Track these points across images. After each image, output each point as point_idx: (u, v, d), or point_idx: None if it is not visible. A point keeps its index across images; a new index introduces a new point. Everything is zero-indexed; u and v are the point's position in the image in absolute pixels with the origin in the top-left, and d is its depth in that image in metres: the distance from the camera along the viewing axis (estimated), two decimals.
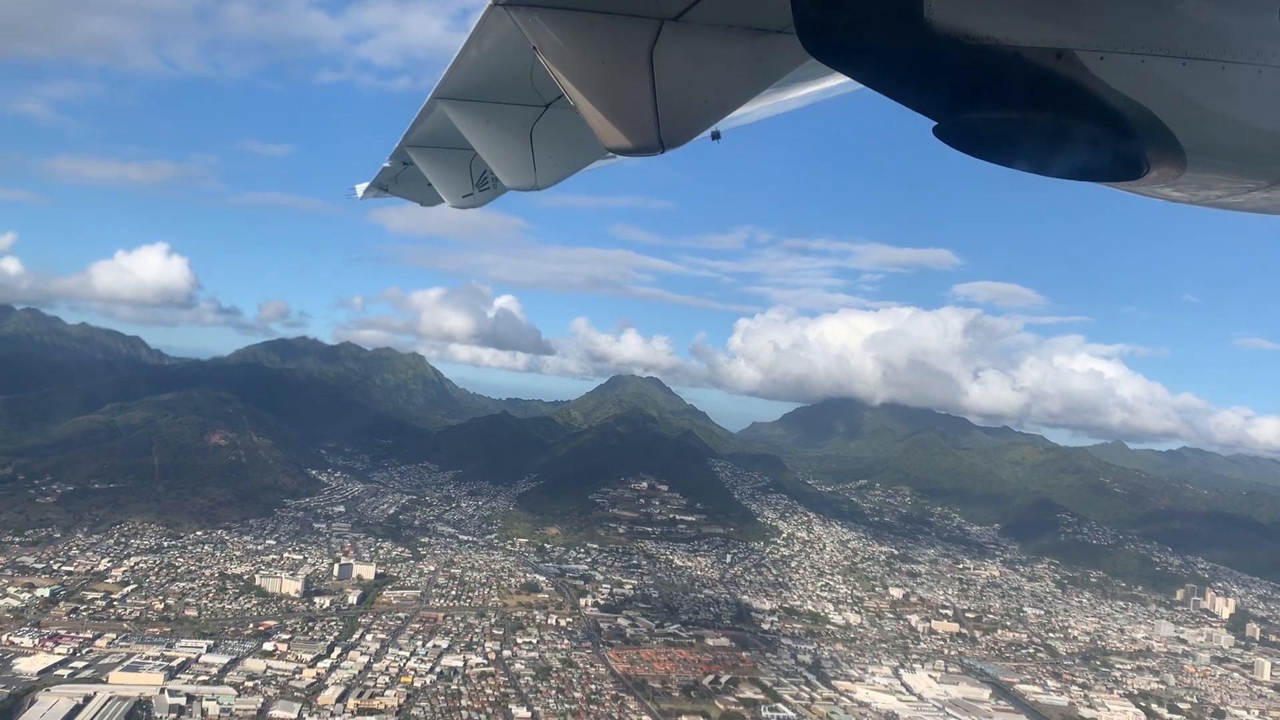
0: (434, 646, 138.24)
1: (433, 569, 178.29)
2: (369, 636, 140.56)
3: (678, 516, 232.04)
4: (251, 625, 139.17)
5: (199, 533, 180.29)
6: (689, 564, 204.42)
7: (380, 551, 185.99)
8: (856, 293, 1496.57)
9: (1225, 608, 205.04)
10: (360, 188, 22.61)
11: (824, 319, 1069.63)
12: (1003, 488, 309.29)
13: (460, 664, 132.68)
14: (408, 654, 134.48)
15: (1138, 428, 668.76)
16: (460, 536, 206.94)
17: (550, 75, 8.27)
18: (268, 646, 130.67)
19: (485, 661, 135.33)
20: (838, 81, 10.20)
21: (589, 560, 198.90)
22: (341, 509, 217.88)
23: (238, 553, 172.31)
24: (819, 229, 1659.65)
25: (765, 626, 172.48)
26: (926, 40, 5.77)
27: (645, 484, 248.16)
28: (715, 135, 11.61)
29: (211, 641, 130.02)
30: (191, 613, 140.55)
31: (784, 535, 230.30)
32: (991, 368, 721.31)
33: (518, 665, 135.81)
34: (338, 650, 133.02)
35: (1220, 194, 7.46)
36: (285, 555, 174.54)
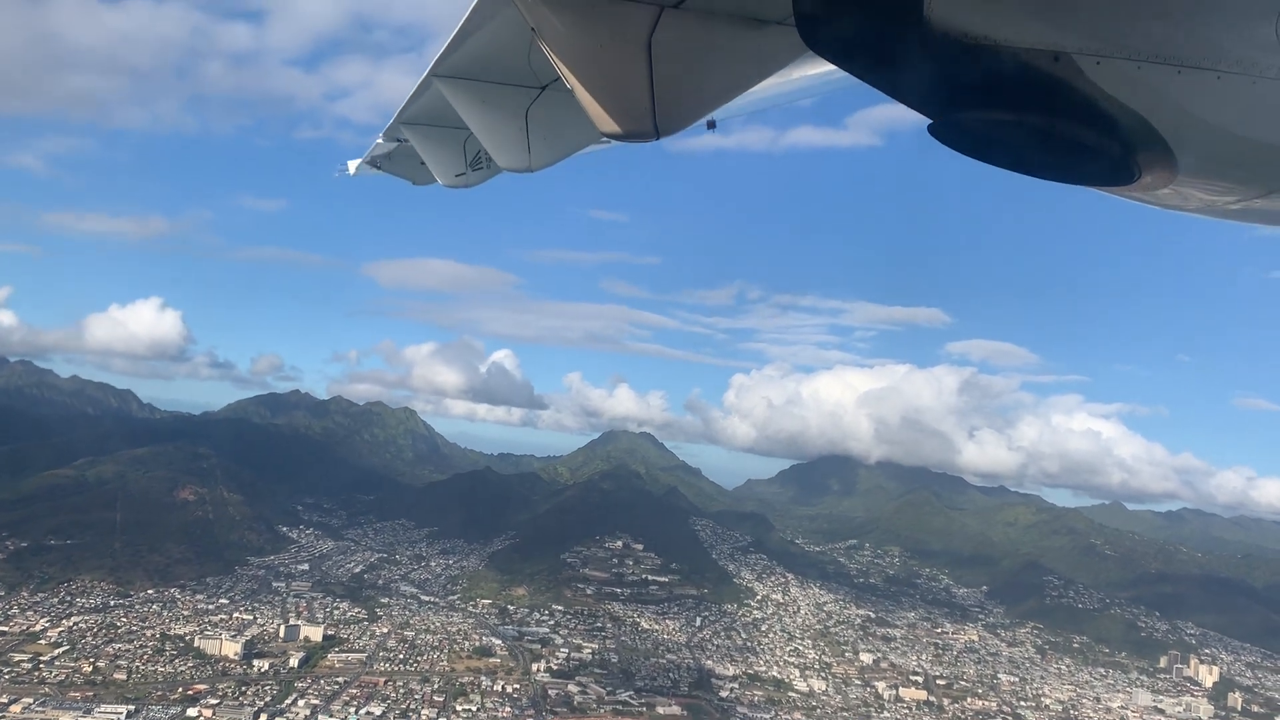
0: (367, 714, 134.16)
1: (385, 631, 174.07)
2: (301, 702, 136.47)
3: (650, 577, 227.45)
4: (180, 689, 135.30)
5: (150, 591, 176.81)
6: (656, 627, 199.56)
7: (335, 612, 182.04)
8: (851, 350, 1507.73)
9: (1209, 675, 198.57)
10: (353, 164, 22.32)
11: (819, 375, 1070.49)
12: (993, 549, 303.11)
13: None
14: None
15: (1137, 488, 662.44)
16: (422, 597, 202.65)
17: (548, 57, 8.30)
18: (192, 712, 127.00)
19: None
20: (835, 75, 9.77)
21: (551, 623, 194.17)
22: (306, 567, 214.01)
23: (186, 612, 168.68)
24: (808, 285, 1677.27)
25: (724, 694, 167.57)
26: (925, 37, 5.76)
27: (620, 543, 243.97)
28: (711, 124, 11.66)
29: (133, 707, 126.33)
30: (120, 675, 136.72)
31: (759, 597, 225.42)
32: (987, 427, 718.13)
33: None
34: (265, 716, 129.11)
35: (1210, 202, 7.46)
36: (235, 615, 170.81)
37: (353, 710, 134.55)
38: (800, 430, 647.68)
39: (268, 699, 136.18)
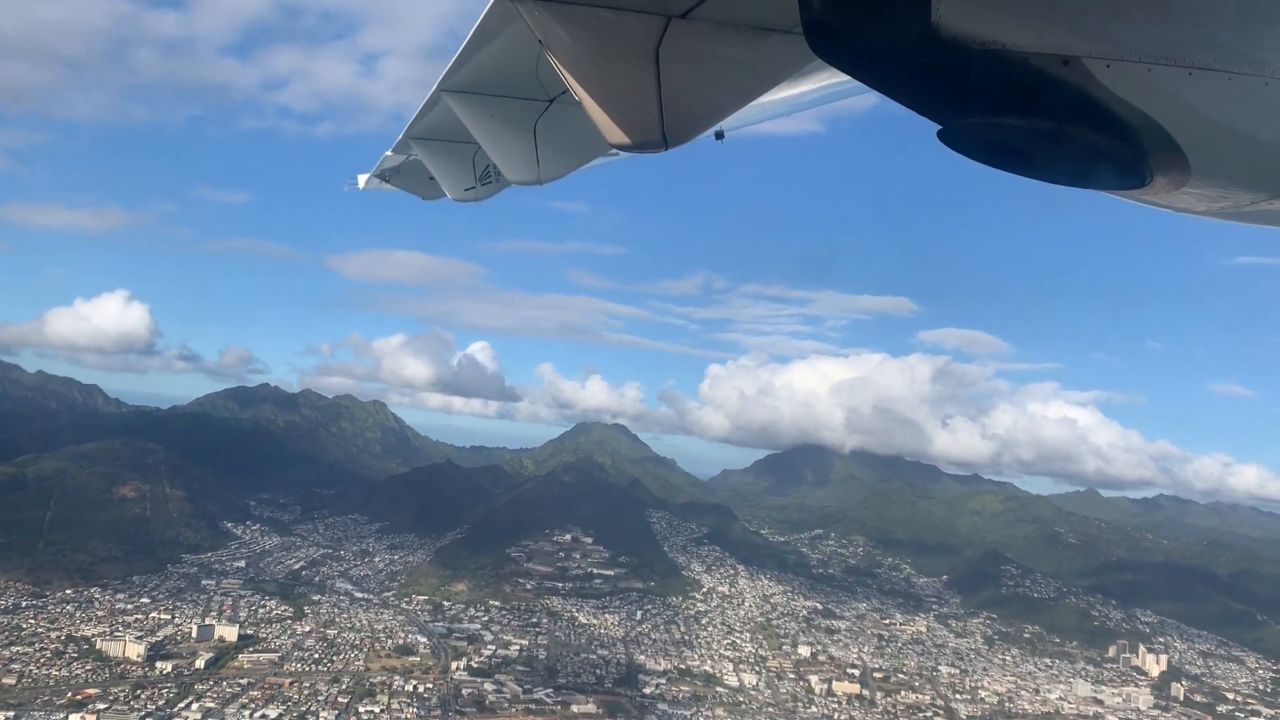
0: (262, 716, 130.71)
1: (307, 629, 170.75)
2: (196, 705, 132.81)
3: (595, 570, 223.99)
4: (70, 694, 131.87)
5: (68, 591, 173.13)
6: (594, 622, 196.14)
7: (261, 611, 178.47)
8: (825, 339, 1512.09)
9: (1156, 665, 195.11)
10: (362, 178, 22.43)
11: (794, 365, 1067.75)
12: (957, 538, 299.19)
13: None
14: None
15: (1114, 475, 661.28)
16: (355, 594, 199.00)
17: (555, 70, 8.25)
18: (75, 718, 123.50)
19: None
20: (843, 83, 9.71)
21: (485, 619, 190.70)
22: (242, 564, 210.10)
23: (101, 613, 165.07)
24: (773, 275, 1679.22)
25: (648, 690, 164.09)
26: (934, 43, 5.72)
27: (569, 536, 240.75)
28: (719, 135, 11.50)
29: (13, 713, 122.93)
30: (10, 680, 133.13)
31: (705, 590, 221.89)
32: (961, 415, 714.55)
33: None
34: None
35: (1223, 205, 7.39)
36: (152, 615, 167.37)
37: (248, 713, 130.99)
38: (774, 420, 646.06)
39: (161, 702, 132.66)
